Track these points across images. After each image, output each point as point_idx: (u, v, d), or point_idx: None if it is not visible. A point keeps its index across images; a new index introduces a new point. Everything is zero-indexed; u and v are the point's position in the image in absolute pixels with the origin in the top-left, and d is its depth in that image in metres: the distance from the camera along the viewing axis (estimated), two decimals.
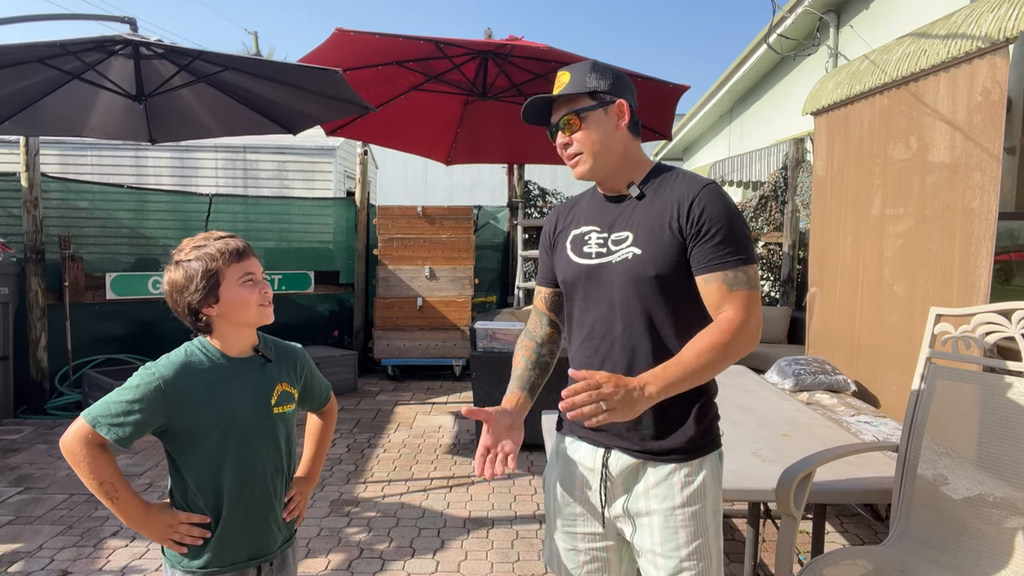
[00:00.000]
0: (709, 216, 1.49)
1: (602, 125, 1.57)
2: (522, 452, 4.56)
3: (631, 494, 1.58)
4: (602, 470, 1.60)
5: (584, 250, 1.63)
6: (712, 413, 1.62)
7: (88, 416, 1.46)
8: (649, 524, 1.56)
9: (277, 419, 1.61)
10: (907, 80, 3.51)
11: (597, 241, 1.62)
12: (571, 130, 1.59)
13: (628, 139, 1.61)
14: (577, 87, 1.58)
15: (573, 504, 1.67)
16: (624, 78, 1.63)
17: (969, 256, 3.04)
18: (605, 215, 1.63)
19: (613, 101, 1.58)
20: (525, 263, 7.36)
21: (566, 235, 1.70)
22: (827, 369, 3.93)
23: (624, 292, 1.54)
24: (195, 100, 4.33)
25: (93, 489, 1.46)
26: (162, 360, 1.52)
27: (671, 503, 1.54)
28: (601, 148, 1.58)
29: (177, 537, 1.53)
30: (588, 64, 1.60)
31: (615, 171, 1.61)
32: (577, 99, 1.58)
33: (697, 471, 1.56)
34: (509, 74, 5.18)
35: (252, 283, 1.55)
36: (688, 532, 1.53)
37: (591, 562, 1.65)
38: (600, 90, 1.57)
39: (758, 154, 8.21)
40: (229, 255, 1.52)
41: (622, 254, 1.56)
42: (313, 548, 3.23)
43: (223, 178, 10.94)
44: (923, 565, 2.04)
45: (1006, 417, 2.07)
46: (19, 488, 3.90)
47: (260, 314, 1.56)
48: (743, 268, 1.49)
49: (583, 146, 1.58)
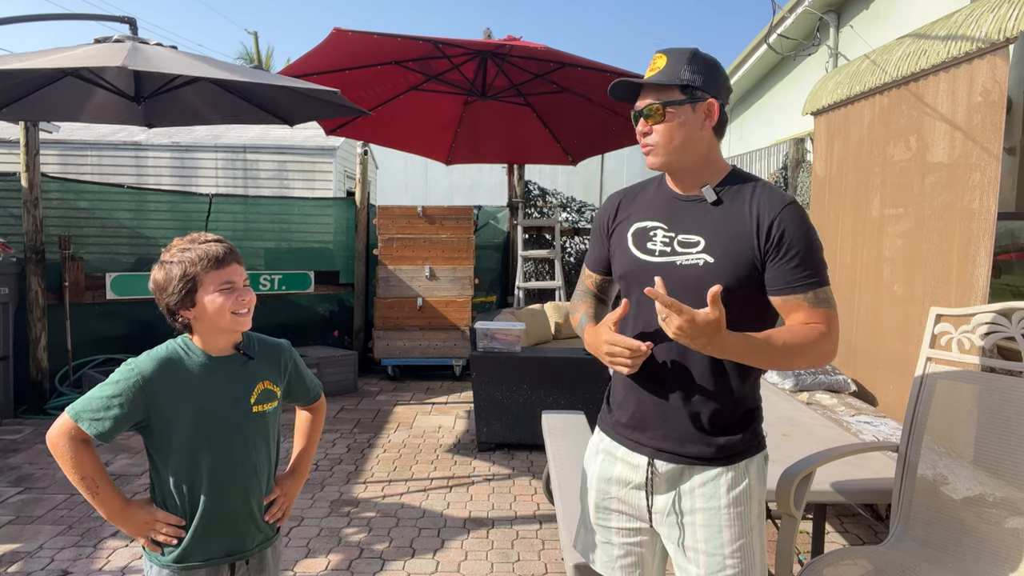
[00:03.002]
0: (790, 237, 1.46)
1: (687, 122, 1.51)
2: (522, 452, 4.56)
3: (678, 492, 1.57)
4: (648, 469, 1.58)
5: (648, 246, 1.58)
6: (758, 416, 1.61)
7: (71, 411, 1.50)
8: (692, 522, 1.55)
9: (256, 417, 1.62)
10: (907, 80, 3.51)
11: (663, 239, 1.56)
12: (654, 120, 1.52)
13: (711, 140, 1.56)
14: (670, 76, 1.50)
15: (610, 499, 1.65)
16: (722, 75, 1.56)
17: (968, 256, 3.04)
18: (674, 213, 1.58)
19: (704, 99, 1.51)
20: (525, 263, 7.36)
21: (627, 226, 1.64)
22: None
23: (687, 298, 1.43)
24: (193, 92, 4.34)
25: (75, 483, 1.50)
26: (143, 356, 1.55)
27: (717, 503, 1.53)
28: (681, 145, 1.52)
29: (153, 534, 1.56)
30: (688, 53, 1.52)
31: (691, 169, 1.56)
32: (668, 89, 1.51)
33: (743, 474, 1.55)
34: (508, 74, 5.18)
35: (230, 290, 1.55)
36: (733, 531, 1.52)
37: (625, 556, 1.65)
38: (694, 84, 1.49)
39: (758, 154, 8.20)
40: (208, 262, 1.52)
41: (691, 259, 1.51)
42: (313, 548, 3.23)
43: (223, 178, 10.95)
44: (923, 565, 2.03)
45: (1006, 417, 2.07)
46: (19, 488, 3.90)
47: (234, 322, 1.56)
48: (823, 289, 1.48)
49: (662, 139, 1.52)
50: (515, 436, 4.55)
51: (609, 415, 1.69)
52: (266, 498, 1.68)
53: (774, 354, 1.42)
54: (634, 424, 1.60)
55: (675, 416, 1.55)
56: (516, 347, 4.48)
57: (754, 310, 1.52)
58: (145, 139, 10.82)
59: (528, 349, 4.83)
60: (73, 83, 4.09)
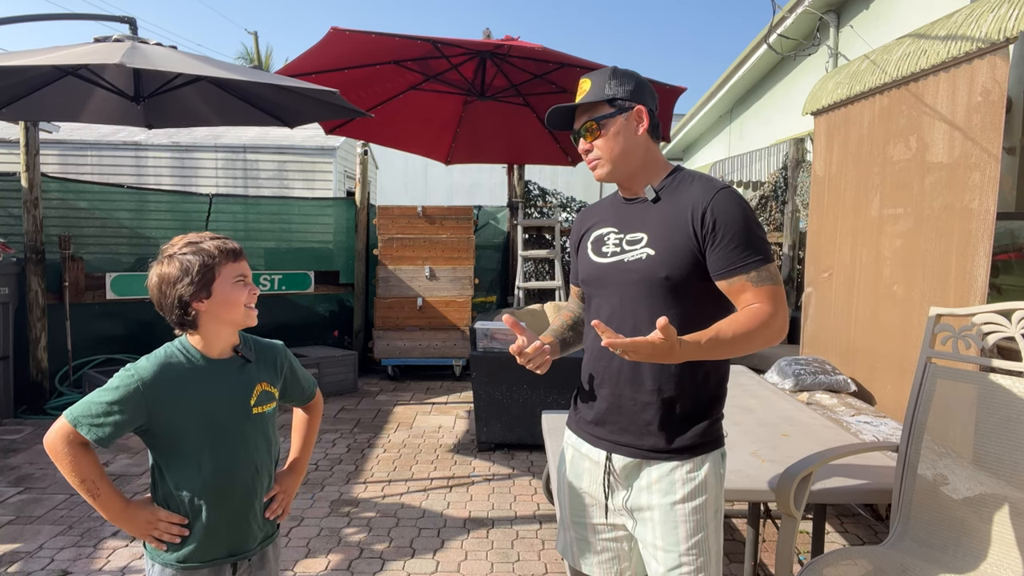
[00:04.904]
0: (724, 221, 1.52)
1: (621, 131, 1.62)
2: (522, 452, 4.56)
3: (632, 489, 1.62)
4: (606, 463, 1.64)
5: (602, 250, 1.69)
6: (716, 413, 1.64)
7: (70, 416, 1.49)
8: (651, 518, 1.59)
9: (257, 419, 1.63)
10: (907, 80, 3.51)
11: (614, 241, 1.67)
12: (592, 136, 1.65)
13: (647, 143, 1.65)
14: (596, 95, 1.63)
15: (581, 495, 1.71)
16: (644, 83, 1.67)
17: (967, 256, 3.04)
18: (622, 216, 1.69)
19: (632, 107, 1.63)
20: (525, 263, 7.35)
21: (588, 236, 1.77)
22: (827, 369, 3.93)
23: (635, 290, 1.59)
24: (193, 93, 4.34)
25: (75, 486, 1.50)
26: (141, 361, 1.54)
27: (672, 498, 1.57)
28: (620, 153, 1.63)
29: (156, 534, 1.56)
30: (608, 71, 1.65)
31: (634, 174, 1.66)
32: (597, 106, 1.63)
33: (699, 468, 1.58)
34: (507, 74, 5.18)
35: (243, 284, 1.59)
36: (688, 527, 1.56)
37: (602, 552, 1.70)
38: (619, 97, 1.62)
39: (758, 154, 8.20)
40: (226, 254, 1.57)
41: (636, 254, 1.61)
42: (313, 548, 3.23)
43: (223, 178, 10.95)
44: (923, 565, 2.04)
45: (1006, 417, 2.07)
46: (19, 488, 3.90)
47: (246, 315, 1.60)
48: (764, 267, 1.52)
49: (602, 152, 1.64)
50: (515, 436, 4.55)
51: (575, 413, 1.78)
52: (265, 495, 1.69)
53: (727, 346, 1.47)
54: (595, 419, 1.68)
55: (631, 409, 1.61)
56: None
57: (697, 298, 1.57)
58: (145, 139, 10.82)
59: None
60: (73, 83, 4.09)
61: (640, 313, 1.58)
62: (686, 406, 1.58)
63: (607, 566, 1.69)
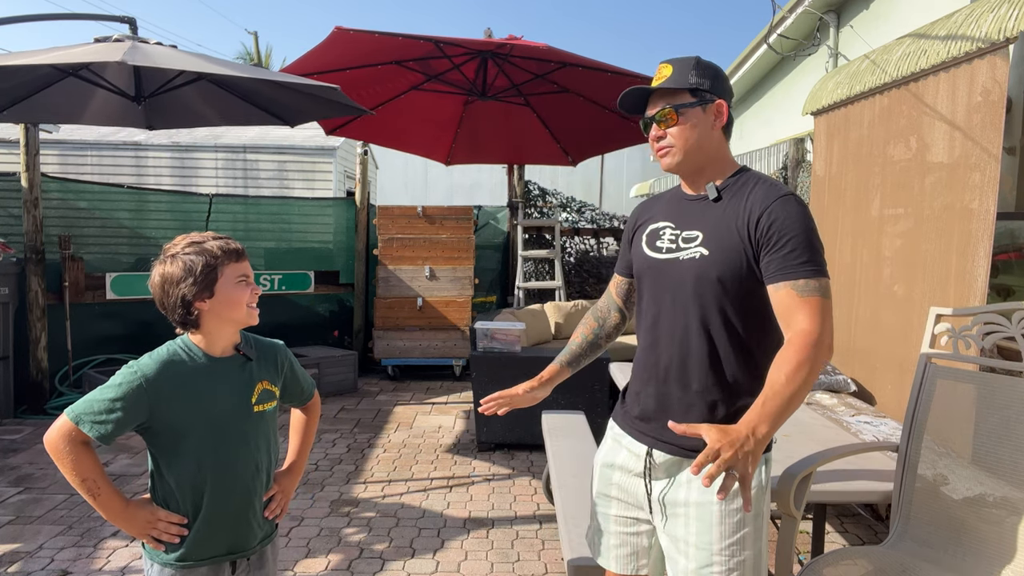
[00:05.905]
0: (781, 227, 1.48)
1: (699, 123, 1.59)
2: (522, 452, 4.56)
3: (673, 483, 1.60)
4: (647, 458, 1.64)
5: (657, 244, 1.67)
6: None
7: (71, 413, 1.49)
8: (686, 514, 1.57)
9: (258, 417, 1.64)
10: (907, 80, 3.51)
11: (670, 237, 1.65)
12: (667, 124, 1.60)
13: (720, 140, 1.64)
14: (679, 82, 1.59)
15: (611, 485, 1.72)
16: (726, 78, 1.65)
17: (966, 256, 3.04)
18: (681, 213, 1.67)
19: (713, 100, 1.59)
20: (525, 263, 7.35)
21: (644, 229, 1.74)
22: (827, 369, 3.93)
23: (686, 289, 1.57)
24: (194, 92, 4.34)
25: (75, 485, 1.50)
26: (144, 359, 1.55)
27: (711, 496, 1.54)
28: (694, 145, 1.60)
29: (156, 533, 1.56)
30: (692, 60, 1.61)
31: (701, 168, 1.64)
32: (677, 94, 1.60)
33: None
34: (509, 74, 5.18)
35: (246, 284, 1.60)
36: (725, 528, 1.53)
37: (621, 546, 1.70)
38: (702, 88, 1.58)
39: (758, 154, 8.20)
40: (229, 254, 1.58)
41: (690, 252, 1.58)
42: (313, 548, 3.23)
43: (223, 178, 10.95)
44: (923, 565, 2.03)
45: (1006, 417, 2.07)
46: (19, 488, 3.90)
47: (248, 314, 1.61)
48: (815, 278, 1.46)
49: (676, 141, 1.60)
50: (515, 436, 4.55)
51: (622, 407, 1.77)
52: (264, 495, 1.70)
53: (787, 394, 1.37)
54: (640, 415, 1.68)
55: (677, 408, 1.60)
56: (516, 347, 4.48)
57: (748, 303, 1.54)
58: (145, 139, 10.83)
59: (528, 349, 4.83)
60: (74, 84, 4.09)
61: (689, 313, 1.56)
62: (733, 406, 1.56)
63: (625, 561, 1.69)
